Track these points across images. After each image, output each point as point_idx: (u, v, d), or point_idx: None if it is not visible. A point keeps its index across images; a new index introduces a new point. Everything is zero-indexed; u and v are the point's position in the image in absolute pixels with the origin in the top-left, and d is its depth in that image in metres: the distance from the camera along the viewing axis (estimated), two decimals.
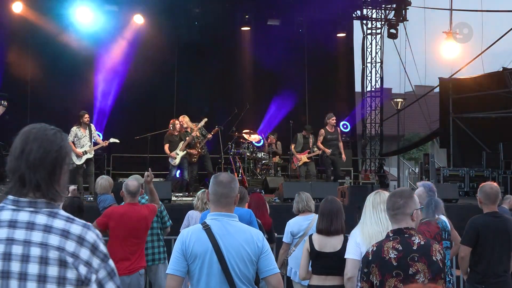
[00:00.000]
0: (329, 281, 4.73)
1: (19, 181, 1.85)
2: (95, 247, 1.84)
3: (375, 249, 3.08)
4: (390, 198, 3.18)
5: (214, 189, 3.11)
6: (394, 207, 3.12)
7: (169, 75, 15.27)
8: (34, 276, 1.77)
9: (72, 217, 1.88)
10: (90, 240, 1.84)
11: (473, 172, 14.09)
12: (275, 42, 15.72)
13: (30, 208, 1.84)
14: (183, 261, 2.99)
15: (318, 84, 16.48)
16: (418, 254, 3.01)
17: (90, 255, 1.83)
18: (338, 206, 4.87)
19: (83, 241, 1.83)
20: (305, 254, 4.83)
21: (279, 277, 3.10)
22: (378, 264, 3.03)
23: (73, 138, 10.37)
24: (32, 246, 1.79)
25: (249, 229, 3.11)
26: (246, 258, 2.99)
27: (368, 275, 3.06)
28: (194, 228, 3.11)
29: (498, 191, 4.87)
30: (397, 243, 3.04)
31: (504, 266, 4.80)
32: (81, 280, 1.80)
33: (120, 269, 5.19)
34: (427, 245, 3.05)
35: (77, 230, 1.84)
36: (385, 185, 16.11)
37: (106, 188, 6.64)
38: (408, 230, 3.08)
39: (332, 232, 4.76)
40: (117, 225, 5.27)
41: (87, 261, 1.82)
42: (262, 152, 13.69)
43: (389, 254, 3.01)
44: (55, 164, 1.88)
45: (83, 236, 1.83)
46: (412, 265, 2.99)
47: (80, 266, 1.80)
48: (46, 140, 1.89)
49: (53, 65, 13.97)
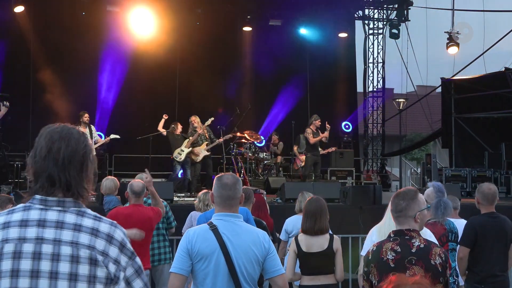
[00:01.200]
0: (320, 280, 4.73)
1: (47, 181, 1.85)
2: (123, 245, 1.87)
3: (375, 249, 3.07)
4: (393, 199, 3.16)
5: (219, 192, 3.09)
6: (396, 209, 3.10)
7: (171, 75, 15.27)
8: (65, 274, 1.78)
9: (100, 216, 1.90)
10: (118, 238, 1.87)
11: (475, 172, 14.07)
12: (277, 42, 15.73)
13: (58, 207, 1.85)
14: (188, 260, 2.97)
15: (320, 84, 16.47)
16: (415, 257, 2.98)
17: (119, 253, 1.85)
18: (322, 206, 4.86)
19: (112, 239, 1.85)
20: (291, 255, 4.81)
21: (285, 278, 3.10)
22: (377, 265, 3.02)
23: None
24: (63, 245, 1.80)
25: (256, 230, 3.11)
26: (253, 259, 2.98)
27: (368, 274, 3.06)
28: (200, 227, 3.08)
29: (496, 191, 4.88)
30: (396, 244, 3.01)
31: (502, 266, 4.81)
32: (110, 278, 1.82)
33: None
34: (427, 249, 3.01)
35: (105, 228, 1.86)
36: (387, 185, 16.11)
37: (112, 189, 6.64)
38: (409, 232, 3.05)
39: (316, 231, 4.75)
40: (122, 226, 5.25)
41: (115, 259, 1.83)
42: (264, 153, 13.70)
43: (387, 255, 3.00)
44: (83, 162, 1.90)
45: (112, 234, 1.86)
46: (409, 267, 2.96)
47: (110, 264, 1.82)
48: (72, 138, 1.90)
49: (55, 66, 14.00)
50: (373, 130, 18.23)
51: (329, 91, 16.58)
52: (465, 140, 15.69)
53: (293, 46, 16.07)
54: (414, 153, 22.71)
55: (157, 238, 5.97)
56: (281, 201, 10.12)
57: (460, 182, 13.44)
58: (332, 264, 4.74)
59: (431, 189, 4.87)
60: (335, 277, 4.75)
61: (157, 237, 5.97)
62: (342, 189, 10.09)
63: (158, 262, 5.95)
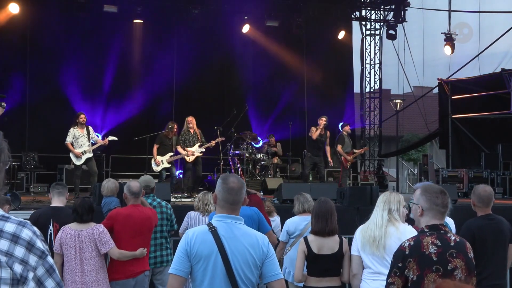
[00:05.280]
0: (326, 283, 4.73)
1: None
2: (31, 244, 1.80)
3: (413, 244, 3.06)
4: (442, 194, 3.16)
5: (224, 196, 3.03)
6: (444, 204, 3.13)
7: (168, 76, 15.26)
8: None
9: (7, 215, 1.84)
10: (26, 237, 1.80)
11: (472, 173, 14.10)
12: (274, 43, 15.73)
13: None
14: (187, 262, 2.94)
15: (317, 85, 16.48)
16: (456, 250, 3.03)
17: (26, 253, 1.79)
18: (331, 207, 4.89)
19: (17, 239, 1.79)
20: (301, 256, 4.80)
21: (283, 283, 3.06)
22: (417, 259, 3.01)
23: (72, 139, 10.37)
24: None
25: (255, 233, 3.07)
26: (251, 262, 2.95)
27: (403, 270, 3.02)
28: (199, 229, 3.05)
29: (492, 193, 4.85)
30: (435, 238, 3.05)
31: (500, 268, 4.80)
32: (16, 278, 1.77)
33: (126, 272, 5.20)
34: (463, 242, 3.11)
35: (10, 228, 1.80)
36: (384, 186, 16.12)
37: (113, 190, 6.66)
38: (442, 226, 3.12)
39: (327, 232, 4.77)
40: (122, 227, 5.27)
41: (22, 259, 1.78)
42: (261, 153, 13.69)
43: (429, 249, 3.01)
44: None
45: (18, 234, 1.80)
46: (451, 261, 3.01)
47: (15, 264, 1.77)
48: None
49: (52, 66, 13.98)
50: (370, 131, 18.25)
51: (326, 92, 16.59)
52: (462, 141, 15.72)
53: (290, 47, 16.07)
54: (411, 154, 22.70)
55: (160, 240, 5.97)
56: (278, 202, 10.12)
57: (457, 183, 13.46)
58: (340, 266, 4.76)
59: None
60: (342, 279, 4.76)
61: (160, 240, 5.97)
62: (339, 189, 10.09)
63: (160, 264, 5.95)
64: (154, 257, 5.88)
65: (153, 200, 6.10)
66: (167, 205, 6.20)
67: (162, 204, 6.16)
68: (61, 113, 13.24)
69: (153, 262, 5.85)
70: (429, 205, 3.13)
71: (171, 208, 6.23)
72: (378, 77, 18.10)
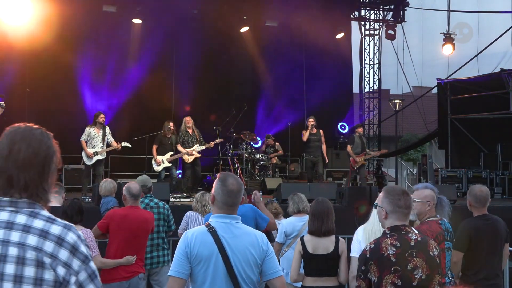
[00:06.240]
0: (321, 283, 4.73)
1: (7, 182, 1.83)
2: (75, 248, 1.81)
3: (373, 246, 3.09)
4: (404, 196, 3.17)
5: (223, 198, 3.02)
6: (407, 205, 3.14)
7: (167, 76, 15.26)
8: (10, 276, 1.75)
9: (54, 218, 1.85)
10: (70, 241, 1.81)
11: (471, 173, 14.12)
12: (273, 43, 15.72)
13: (10, 208, 1.82)
14: (187, 264, 2.91)
15: (316, 85, 16.48)
16: (416, 250, 3.04)
17: (70, 256, 1.79)
18: (328, 207, 4.89)
19: (62, 241, 1.79)
20: (297, 256, 4.81)
21: (283, 280, 3.07)
22: (377, 261, 3.03)
23: (86, 137, 10.37)
24: (10, 246, 1.77)
25: (254, 232, 3.08)
26: (252, 261, 2.96)
27: (366, 273, 3.07)
28: (198, 230, 3.02)
29: (488, 193, 4.86)
30: (394, 239, 3.06)
31: (495, 268, 4.80)
32: (59, 281, 1.77)
33: (119, 273, 5.19)
34: (424, 241, 3.10)
35: (56, 231, 1.81)
36: (383, 186, 16.11)
37: (110, 190, 6.66)
38: (404, 227, 3.12)
39: (323, 232, 4.77)
40: (118, 227, 5.26)
41: (65, 262, 1.78)
42: (260, 153, 13.69)
43: (388, 250, 3.03)
44: (44, 164, 1.88)
45: (63, 237, 1.80)
46: (410, 260, 3.02)
47: (58, 267, 1.77)
48: (34, 139, 1.88)
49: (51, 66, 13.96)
50: (369, 131, 18.25)
51: (325, 92, 16.58)
52: (461, 141, 15.73)
53: (289, 47, 16.07)
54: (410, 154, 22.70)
55: (157, 241, 5.97)
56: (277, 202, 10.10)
57: (456, 183, 13.48)
58: (336, 266, 4.75)
59: (430, 191, 4.85)
60: (339, 279, 4.75)
61: (157, 240, 5.97)
62: (338, 189, 10.10)
63: (157, 265, 5.94)
64: (151, 257, 5.88)
65: (150, 200, 6.10)
66: (164, 206, 6.19)
67: (160, 204, 6.15)
68: (60, 112, 13.23)
69: (149, 262, 5.84)
70: (392, 207, 3.15)
71: (168, 209, 6.22)
72: (377, 77, 18.11)
